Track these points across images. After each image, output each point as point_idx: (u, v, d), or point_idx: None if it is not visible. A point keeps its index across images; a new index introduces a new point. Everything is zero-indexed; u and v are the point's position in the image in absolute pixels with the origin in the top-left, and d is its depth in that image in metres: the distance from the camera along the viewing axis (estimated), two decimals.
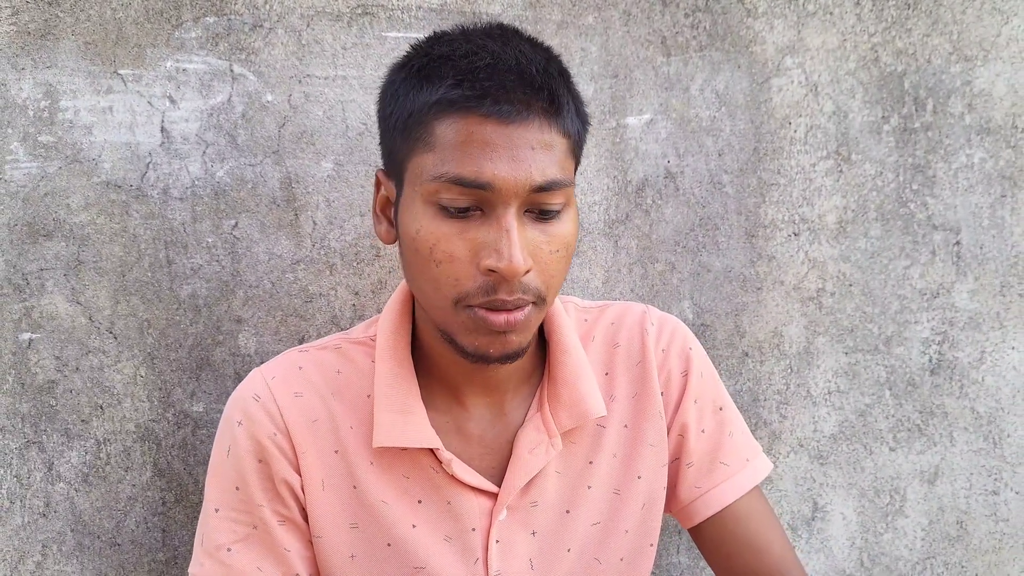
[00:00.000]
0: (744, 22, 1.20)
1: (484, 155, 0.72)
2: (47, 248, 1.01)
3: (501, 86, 0.72)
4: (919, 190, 1.28)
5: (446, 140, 0.73)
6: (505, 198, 0.73)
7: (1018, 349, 1.34)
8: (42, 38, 0.99)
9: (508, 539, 0.86)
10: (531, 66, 0.74)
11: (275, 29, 1.06)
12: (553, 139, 0.75)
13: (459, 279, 0.75)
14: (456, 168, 0.73)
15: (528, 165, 0.73)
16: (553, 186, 0.74)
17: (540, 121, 0.74)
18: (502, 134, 0.72)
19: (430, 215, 0.75)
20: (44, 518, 1.03)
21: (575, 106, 0.79)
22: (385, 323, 0.88)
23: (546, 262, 0.77)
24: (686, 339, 0.95)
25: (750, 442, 0.97)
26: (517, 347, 0.78)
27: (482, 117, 0.72)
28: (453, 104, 0.73)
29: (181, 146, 1.04)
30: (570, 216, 0.79)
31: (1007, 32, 1.28)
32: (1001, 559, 1.37)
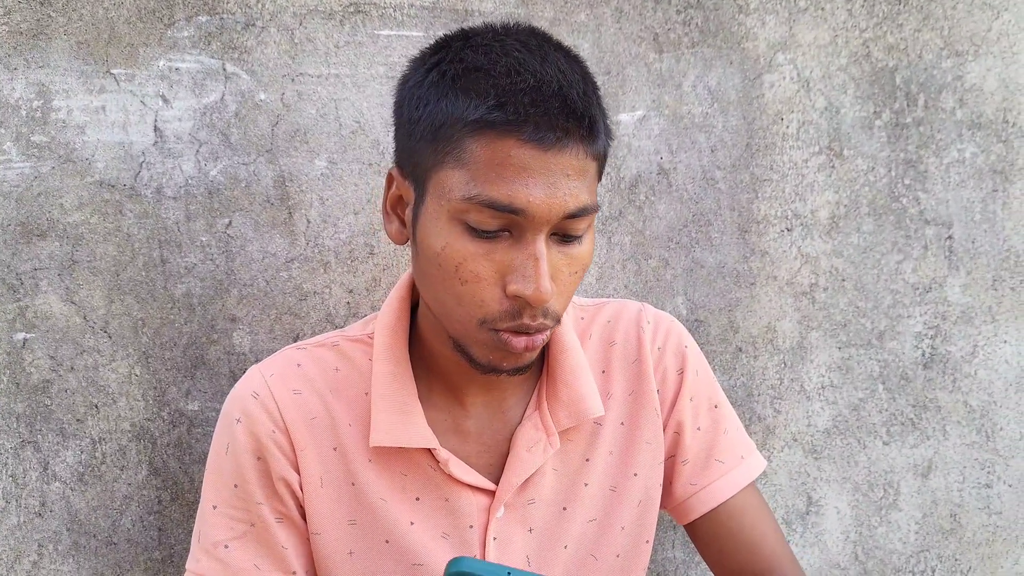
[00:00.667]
0: (736, 18, 1.21)
1: (519, 180, 0.70)
2: (41, 248, 1.01)
3: (544, 112, 0.70)
4: (911, 185, 1.29)
5: (480, 159, 0.71)
6: (537, 224, 0.72)
7: (1010, 343, 1.35)
8: (34, 38, 0.99)
9: (505, 536, 0.86)
10: (572, 90, 0.72)
11: (268, 28, 1.06)
12: (587, 164, 0.74)
13: (484, 301, 0.74)
14: (489, 191, 0.71)
15: (563, 192, 0.72)
16: (583, 212, 0.74)
17: (576, 147, 0.72)
18: (539, 159, 0.71)
19: (457, 233, 0.74)
20: (40, 518, 1.03)
21: (605, 124, 0.78)
22: (383, 322, 0.88)
23: (565, 283, 0.77)
24: (682, 337, 0.96)
25: (744, 439, 0.98)
26: (528, 361, 0.79)
27: (520, 141, 0.70)
28: (492, 125, 0.71)
29: (174, 145, 1.04)
30: (590, 236, 0.79)
31: (997, 27, 1.29)
32: (994, 551, 1.38)
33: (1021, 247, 1.33)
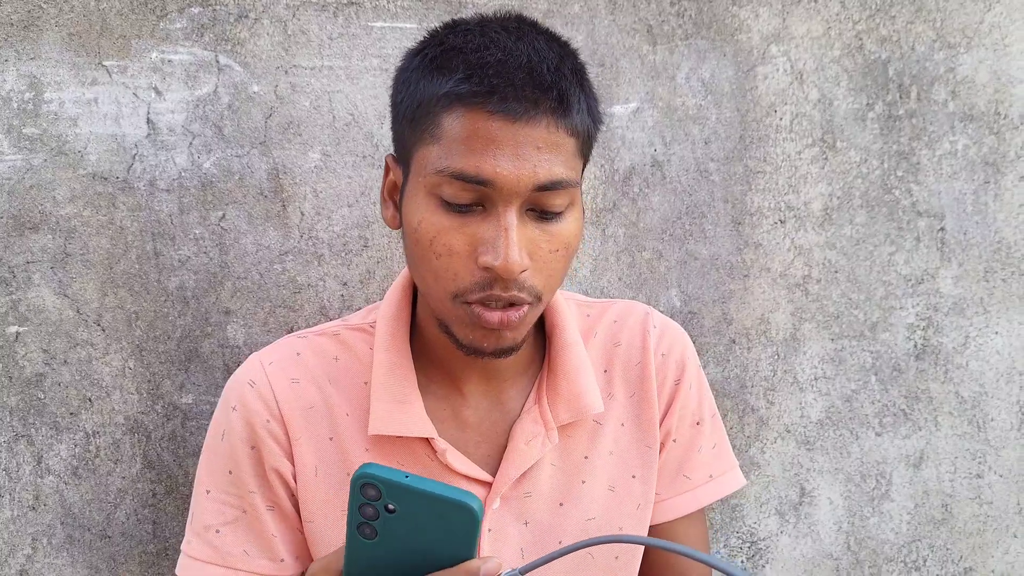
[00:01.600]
0: (729, 10, 1.21)
1: (487, 151, 0.72)
2: (33, 241, 1.00)
3: (510, 83, 0.71)
4: (903, 177, 1.29)
5: (451, 134, 0.73)
6: (506, 196, 0.73)
7: (1001, 334, 1.35)
8: (25, 29, 0.98)
9: (500, 528, 0.86)
10: (542, 64, 0.73)
11: (261, 19, 1.05)
12: (560, 139, 0.74)
13: (457, 274, 0.75)
14: (459, 163, 0.72)
15: (532, 164, 0.72)
16: (557, 185, 0.74)
17: (548, 120, 0.73)
18: (507, 131, 0.72)
19: (432, 207, 0.75)
20: (34, 511, 1.03)
21: (588, 104, 0.78)
22: (386, 311, 0.89)
23: (545, 260, 0.76)
24: (685, 348, 0.96)
25: (720, 459, 0.97)
26: (511, 343, 0.79)
27: (488, 113, 0.71)
28: (460, 98, 0.72)
29: (167, 137, 1.03)
30: (573, 215, 0.78)
31: (990, 19, 1.29)
32: (985, 541, 1.39)
33: (1012, 239, 1.34)
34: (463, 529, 0.57)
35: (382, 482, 0.56)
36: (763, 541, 1.30)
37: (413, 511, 0.57)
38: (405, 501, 0.56)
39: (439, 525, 0.57)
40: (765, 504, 1.30)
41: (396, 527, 0.57)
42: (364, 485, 0.56)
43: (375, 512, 0.57)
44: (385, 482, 0.56)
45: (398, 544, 0.58)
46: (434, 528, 0.57)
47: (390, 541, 0.58)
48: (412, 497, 0.56)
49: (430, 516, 0.57)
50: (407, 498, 0.56)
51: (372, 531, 0.58)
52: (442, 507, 0.56)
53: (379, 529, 0.58)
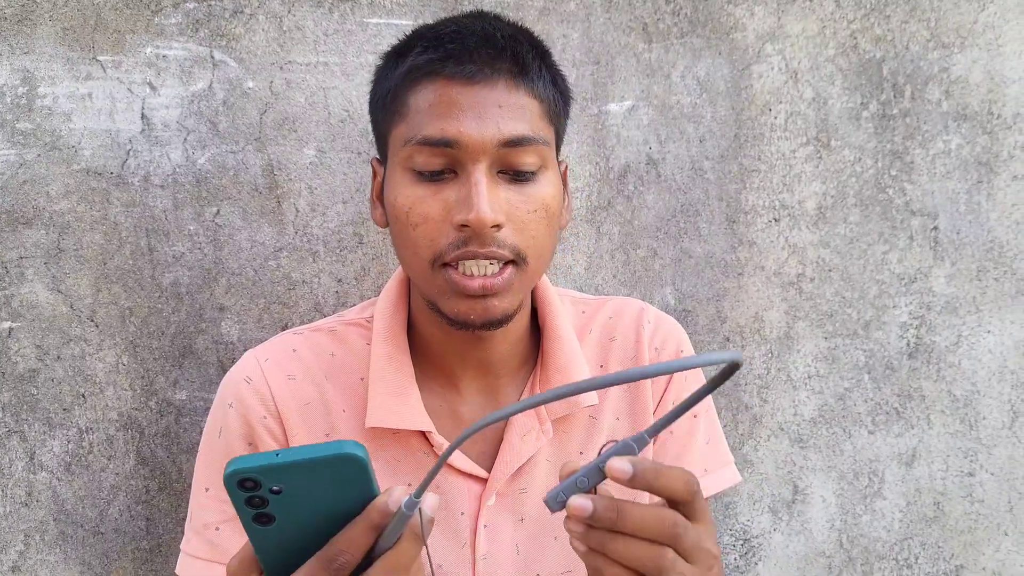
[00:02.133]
0: (725, 9, 1.21)
1: (450, 114, 0.75)
2: (27, 236, 1.00)
3: (464, 48, 0.76)
4: (897, 176, 1.30)
5: (417, 106, 0.77)
6: (473, 154, 0.75)
7: (994, 333, 1.36)
8: (19, 23, 0.98)
9: (496, 524, 0.87)
10: (495, 32, 0.77)
11: (256, 15, 1.05)
12: (521, 99, 0.77)
13: (434, 239, 0.77)
14: (425, 130, 0.75)
15: (495, 121, 0.75)
16: (522, 142, 0.76)
17: (507, 81, 0.76)
18: (467, 94, 0.75)
19: (406, 181, 0.78)
20: (26, 507, 1.03)
21: (550, 76, 0.81)
22: (383, 305, 0.89)
23: (524, 221, 0.78)
24: (680, 342, 0.96)
25: (716, 453, 0.97)
26: (501, 313, 0.79)
27: (447, 79, 0.75)
28: (420, 70, 0.77)
29: (162, 133, 1.03)
30: (549, 179, 0.80)
31: (983, 19, 1.30)
32: (976, 539, 1.39)
33: (1005, 238, 1.34)
34: (355, 477, 0.54)
35: (255, 471, 0.53)
36: (756, 539, 1.30)
37: (299, 484, 0.54)
38: (286, 479, 0.53)
39: (330, 485, 0.54)
40: (758, 502, 1.30)
41: (290, 505, 0.54)
42: (240, 482, 0.53)
43: (263, 499, 0.54)
44: (257, 470, 0.53)
45: (299, 519, 0.55)
46: (327, 490, 0.54)
47: (290, 520, 0.55)
48: (291, 472, 0.53)
49: (317, 481, 0.54)
50: (287, 476, 0.53)
51: (268, 518, 0.55)
52: (325, 468, 0.53)
53: (274, 513, 0.55)
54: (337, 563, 0.54)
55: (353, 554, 0.54)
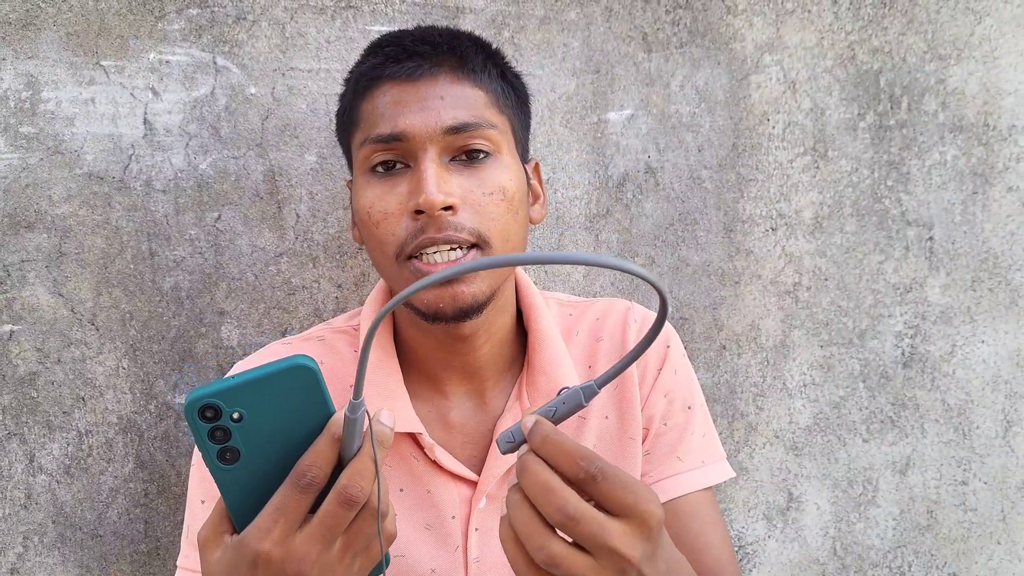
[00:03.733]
0: (724, 19, 1.22)
1: (396, 111, 0.78)
2: (28, 240, 1.00)
3: (402, 49, 0.80)
4: (893, 186, 1.31)
5: (368, 112, 0.81)
6: (420, 143, 0.78)
7: (988, 343, 1.37)
8: (23, 28, 0.98)
9: (487, 527, 0.87)
10: (434, 33, 0.82)
11: (259, 22, 1.05)
12: (464, 90, 0.80)
13: (395, 232, 0.79)
14: (376, 129, 0.79)
15: (437, 111, 0.78)
16: (467, 127, 0.79)
17: (448, 75, 0.80)
18: (410, 90, 0.79)
19: (365, 182, 0.81)
20: (25, 510, 1.03)
21: (497, 70, 0.84)
22: (368, 312, 0.91)
23: (480, 203, 0.79)
24: (667, 337, 0.96)
25: (713, 447, 0.97)
26: (471, 300, 0.79)
27: (391, 81, 0.80)
28: (365, 76, 0.81)
29: (164, 138, 1.04)
30: (504, 164, 0.82)
31: (980, 31, 1.31)
32: (969, 547, 1.40)
33: (1000, 249, 1.35)
34: (310, 394, 0.56)
35: (212, 395, 0.54)
36: (751, 546, 1.31)
37: (258, 404, 0.55)
38: (245, 399, 0.55)
39: (288, 404, 0.56)
40: (753, 509, 1.31)
41: (252, 432, 0.56)
42: (201, 409, 0.54)
43: (225, 432, 0.55)
44: (215, 394, 0.54)
45: (263, 449, 0.56)
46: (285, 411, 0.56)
47: (253, 451, 0.56)
48: (248, 392, 0.55)
49: (275, 401, 0.55)
50: (244, 396, 0.55)
51: (233, 453, 0.56)
52: (280, 383, 0.55)
53: (237, 446, 0.56)
54: (306, 479, 0.56)
55: (321, 468, 0.56)
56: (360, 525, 0.59)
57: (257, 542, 0.56)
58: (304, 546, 0.57)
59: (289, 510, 0.56)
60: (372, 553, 0.61)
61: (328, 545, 0.57)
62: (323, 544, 0.57)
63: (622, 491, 0.53)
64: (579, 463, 0.53)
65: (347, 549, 0.59)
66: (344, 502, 0.56)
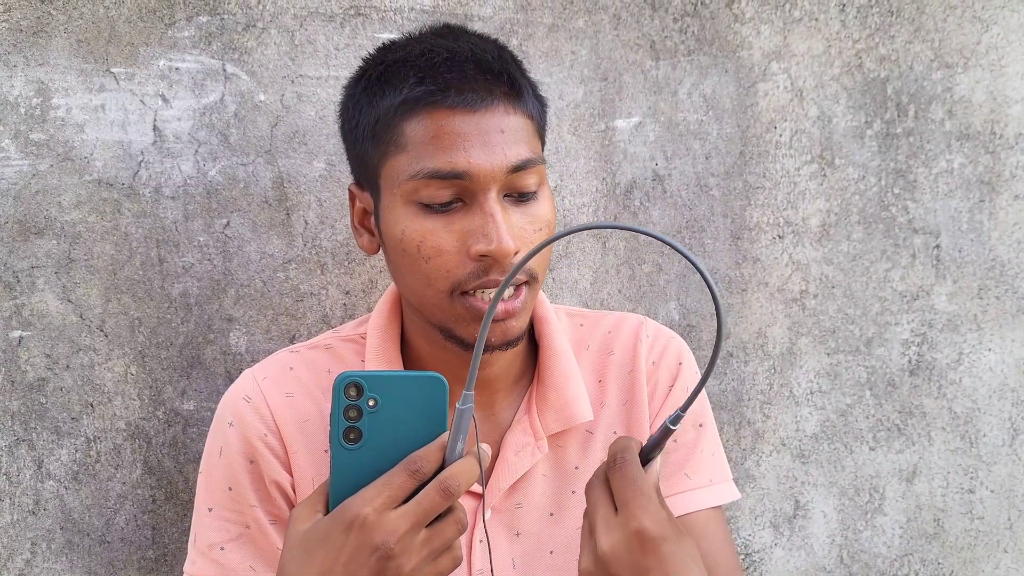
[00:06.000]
0: (731, 27, 1.22)
1: (457, 145, 0.74)
2: (38, 246, 1.01)
3: (462, 76, 0.75)
4: (900, 194, 1.31)
5: (417, 138, 0.75)
6: (484, 184, 0.75)
7: (994, 351, 1.37)
8: (34, 35, 0.99)
9: (491, 539, 0.87)
10: (487, 55, 0.77)
11: (268, 29, 1.06)
12: (519, 121, 0.77)
13: (451, 270, 0.76)
14: (432, 163, 0.74)
15: (502, 148, 0.75)
16: (528, 164, 0.77)
17: (504, 105, 0.76)
18: (470, 122, 0.75)
19: (412, 214, 0.77)
20: (33, 516, 1.03)
21: (532, 90, 0.82)
22: (375, 324, 0.90)
23: (532, 241, 0.78)
24: (679, 353, 0.95)
25: (721, 466, 0.96)
26: (519, 332, 0.80)
27: (448, 109, 0.74)
28: (419, 101, 0.75)
29: (173, 145, 1.04)
30: (546, 195, 0.81)
31: (987, 40, 1.31)
32: (976, 556, 1.40)
33: (1007, 257, 1.35)
34: (435, 403, 0.64)
35: (363, 378, 0.63)
36: (757, 553, 1.31)
37: (392, 399, 0.63)
38: (385, 391, 0.63)
39: (416, 408, 0.64)
40: (760, 516, 1.31)
41: (379, 423, 0.63)
42: (347, 385, 0.63)
43: (358, 413, 0.63)
44: (366, 377, 0.63)
45: (381, 442, 0.64)
46: (412, 412, 0.64)
47: (374, 440, 0.64)
48: (391, 384, 0.64)
49: (407, 401, 0.64)
50: (387, 387, 0.63)
51: (357, 435, 0.63)
52: (416, 386, 0.64)
53: (363, 430, 0.63)
54: (415, 465, 0.63)
55: (430, 462, 0.63)
56: (444, 526, 0.64)
57: (359, 506, 0.61)
58: (397, 521, 0.61)
59: (395, 487, 0.62)
60: (441, 566, 0.65)
61: (416, 529, 0.62)
62: (412, 526, 0.62)
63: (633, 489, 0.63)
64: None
65: (428, 543, 0.63)
66: (443, 490, 0.62)
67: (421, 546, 0.63)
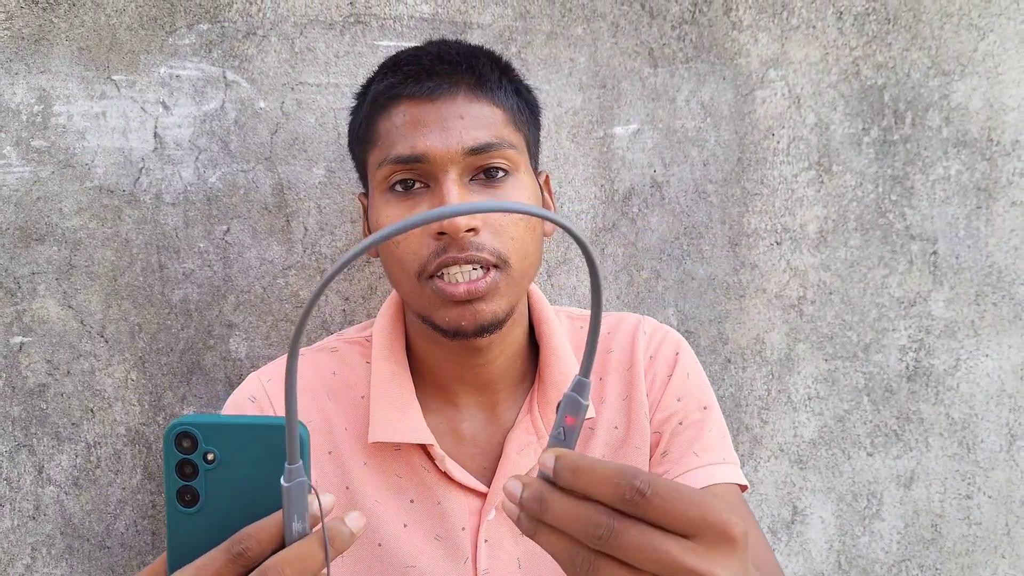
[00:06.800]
0: (729, 35, 1.23)
1: (417, 132, 0.79)
2: (39, 252, 1.01)
3: (420, 67, 0.80)
4: (897, 201, 1.31)
5: (386, 130, 0.81)
6: (441, 165, 0.78)
7: (991, 356, 1.37)
8: (36, 43, 0.99)
9: (496, 539, 0.88)
10: (451, 49, 0.82)
11: (268, 37, 1.06)
12: (483, 110, 0.80)
13: (416, 251, 0.79)
14: (394, 150, 0.79)
15: (458, 132, 0.78)
16: (487, 148, 0.79)
17: (467, 94, 0.80)
18: (430, 110, 0.79)
19: (385, 202, 0.82)
20: (34, 521, 1.03)
21: (512, 87, 0.85)
22: (380, 326, 0.91)
23: (500, 224, 0.80)
24: (676, 345, 0.96)
25: (729, 450, 0.95)
26: (491, 317, 0.80)
27: (410, 99, 0.80)
28: (383, 95, 0.81)
29: (174, 152, 1.04)
30: (522, 183, 0.83)
31: (983, 47, 1.32)
32: (974, 561, 1.40)
33: (1003, 263, 1.36)
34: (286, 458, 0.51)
35: (197, 426, 0.52)
36: None
37: (234, 452, 0.52)
38: (224, 442, 0.52)
39: (264, 463, 0.52)
40: (758, 522, 1.31)
41: (218, 481, 0.52)
42: (179, 436, 0.52)
43: (194, 469, 0.52)
44: (200, 425, 0.52)
45: (222, 503, 0.52)
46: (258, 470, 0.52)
47: (213, 502, 0.52)
48: (231, 434, 0.52)
49: (253, 455, 0.52)
50: (226, 437, 0.52)
51: (193, 496, 0.52)
52: (264, 436, 0.52)
53: (200, 490, 0.52)
54: (239, 547, 0.50)
55: (259, 541, 0.50)
56: None
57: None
58: None
59: (209, 573, 0.50)
60: None
61: None
62: None
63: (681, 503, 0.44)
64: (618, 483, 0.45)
65: None
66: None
67: None
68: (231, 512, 0.52)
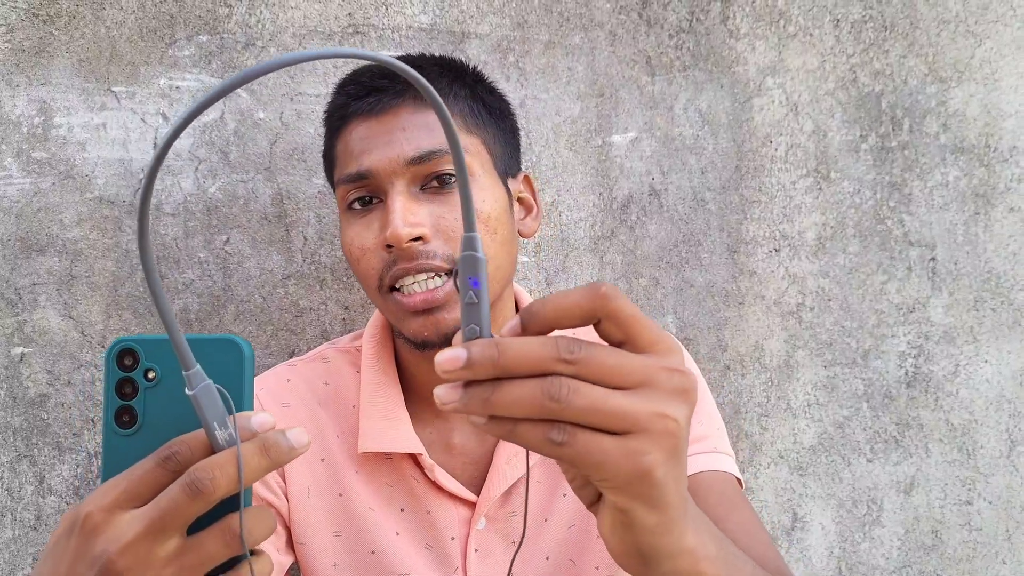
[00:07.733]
0: (727, 43, 1.23)
1: (364, 148, 0.80)
2: (40, 263, 1.02)
3: (361, 86, 0.82)
4: (896, 207, 1.32)
5: (341, 151, 0.84)
6: (387, 178, 0.80)
7: (991, 362, 1.37)
8: (37, 55, 1.00)
9: (486, 548, 0.88)
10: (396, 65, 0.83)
11: (267, 47, 1.07)
12: (427, 118, 0.80)
13: (373, 266, 0.81)
14: (347, 169, 0.81)
15: (400, 144, 0.79)
16: (431, 156, 0.79)
17: (410, 106, 0.80)
18: (375, 126, 0.80)
19: (346, 221, 0.84)
20: (35, 531, 1.04)
21: (465, 91, 0.85)
22: (369, 337, 0.92)
23: (453, 229, 0.80)
24: None
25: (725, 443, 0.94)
26: (453, 325, 0.80)
27: (356, 119, 0.82)
28: (333, 117, 0.85)
29: (174, 162, 1.05)
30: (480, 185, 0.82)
31: (980, 54, 1.32)
32: (974, 568, 1.40)
33: (1002, 269, 1.36)
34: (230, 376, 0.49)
35: (139, 342, 0.50)
36: None
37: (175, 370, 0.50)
38: (166, 359, 0.50)
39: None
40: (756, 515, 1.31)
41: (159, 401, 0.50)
42: (121, 353, 0.50)
43: (133, 388, 0.50)
44: (142, 341, 0.50)
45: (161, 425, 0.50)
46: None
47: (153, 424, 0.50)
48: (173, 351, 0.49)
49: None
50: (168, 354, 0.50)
51: (131, 417, 0.50)
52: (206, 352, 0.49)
53: (139, 410, 0.50)
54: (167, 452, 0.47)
55: (190, 448, 0.47)
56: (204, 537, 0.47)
57: (86, 504, 0.47)
58: (126, 525, 0.46)
59: (135, 480, 0.46)
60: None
61: (153, 537, 0.45)
62: (146, 532, 0.45)
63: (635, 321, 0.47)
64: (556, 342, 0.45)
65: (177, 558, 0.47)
66: (188, 485, 0.45)
67: (166, 561, 0.46)
68: (168, 435, 0.49)
